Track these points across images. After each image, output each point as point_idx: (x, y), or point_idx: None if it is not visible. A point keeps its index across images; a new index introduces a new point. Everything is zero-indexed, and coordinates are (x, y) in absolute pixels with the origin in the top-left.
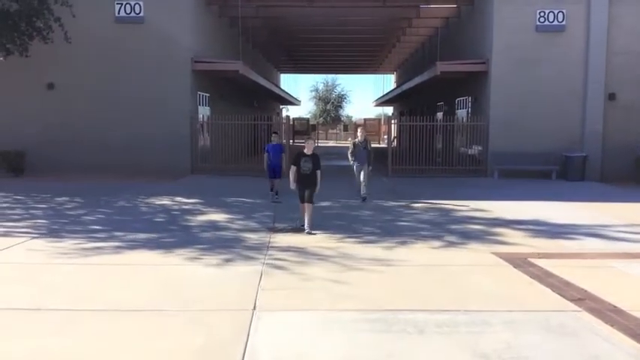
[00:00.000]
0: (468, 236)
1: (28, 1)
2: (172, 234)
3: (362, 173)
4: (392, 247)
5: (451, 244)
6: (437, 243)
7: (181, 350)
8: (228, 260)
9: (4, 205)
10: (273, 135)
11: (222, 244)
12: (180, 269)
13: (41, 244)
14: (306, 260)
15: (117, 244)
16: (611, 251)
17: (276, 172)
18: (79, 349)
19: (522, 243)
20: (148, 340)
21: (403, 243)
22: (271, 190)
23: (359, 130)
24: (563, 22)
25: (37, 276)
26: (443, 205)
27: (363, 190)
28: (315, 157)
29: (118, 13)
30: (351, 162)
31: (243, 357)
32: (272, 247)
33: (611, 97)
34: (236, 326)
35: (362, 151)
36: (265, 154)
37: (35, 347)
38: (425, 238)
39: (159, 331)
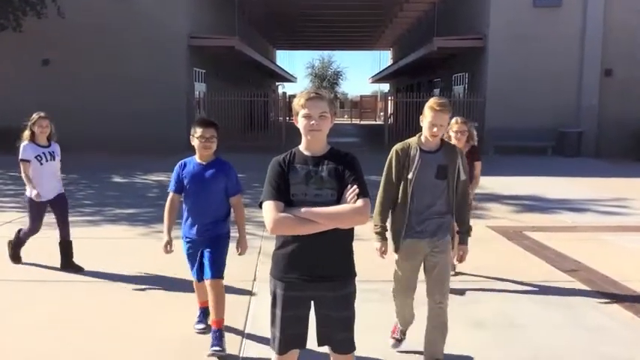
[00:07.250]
0: None
1: None
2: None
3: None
4: None
5: None
6: None
7: (186, 316)
8: None
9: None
10: (198, 140)
11: None
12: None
13: None
14: None
15: (103, 218)
16: (604, 224)
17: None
18: (75, 315)
19: (516, 217)
20: (156, 307)
21: None
22: (201, 322)
23: (429, 113)
24: None
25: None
26: None
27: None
28: (345, 162)
29: None
30: (379, 231)
31: (245, 322)
32: None
33: (608, 72)
34: (238, 295)
35: (431, 181)
36: (170, 195)
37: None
38: None
39: (165, 299)
